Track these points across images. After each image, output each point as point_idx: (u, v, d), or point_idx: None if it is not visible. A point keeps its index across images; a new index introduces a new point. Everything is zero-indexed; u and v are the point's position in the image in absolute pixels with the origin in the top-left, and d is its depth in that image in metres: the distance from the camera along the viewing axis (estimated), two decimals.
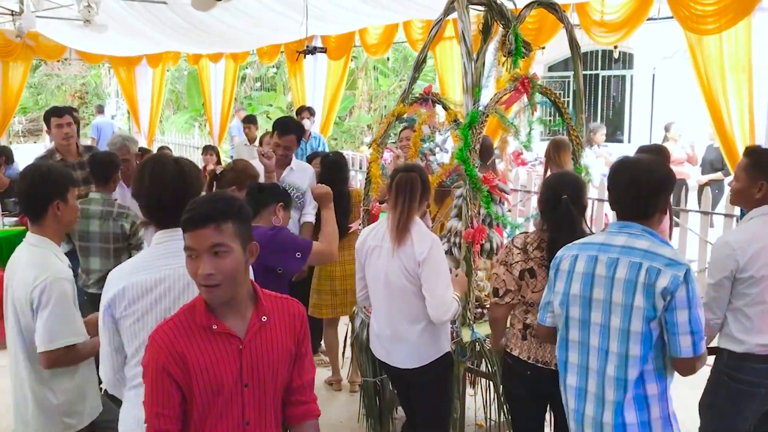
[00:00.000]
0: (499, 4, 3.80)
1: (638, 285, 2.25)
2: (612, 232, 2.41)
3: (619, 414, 2.29)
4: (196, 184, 2.26)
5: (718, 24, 5.02)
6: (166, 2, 7.64)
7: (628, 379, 2.28)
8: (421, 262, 2.98)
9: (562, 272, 2.47)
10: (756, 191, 3.00)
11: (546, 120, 4.18)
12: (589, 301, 2.37)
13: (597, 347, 2.35)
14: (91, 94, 21.75)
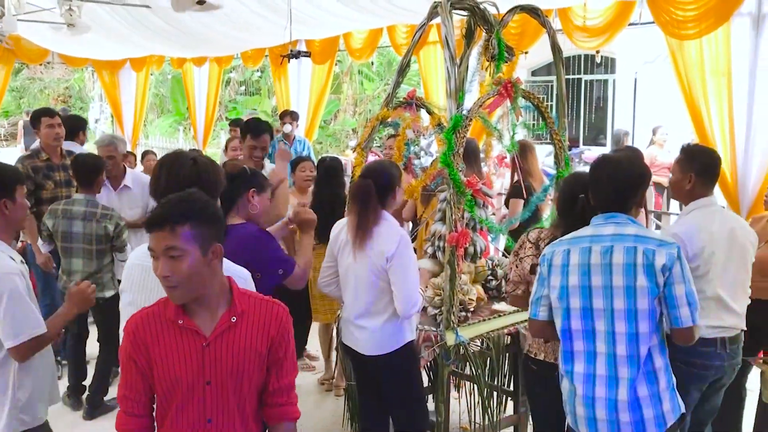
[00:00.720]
0: (482, 9, 3.83)
1: (638, 267, 2.42)
2: (598, 224, 2.58)
3: (632, 389, 2.44)
4: (214, 184, 2.29)
5: (698, 29, 5.07)
6: (149, 6, 7.60)
7: (640, 356, 2.44)
8: (389, 258, 3.10)
9: (556, 267, 2.59)
10: (686, 183, 3.24)
11: (529, 124, 4.21)
12: (589, 290, 2.50)
13: (603, 331, 2.49)
14: (75, 98, 21.61)
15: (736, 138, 5.09)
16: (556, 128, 3.96)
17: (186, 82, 11.77)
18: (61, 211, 4.42)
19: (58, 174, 5.19)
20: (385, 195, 3.22)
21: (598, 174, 2.62)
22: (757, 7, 4.91)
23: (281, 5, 6.81)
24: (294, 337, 2.10)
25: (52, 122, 5.23)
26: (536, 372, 3.14)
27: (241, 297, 2.00)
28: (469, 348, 3.52)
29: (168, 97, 19.52)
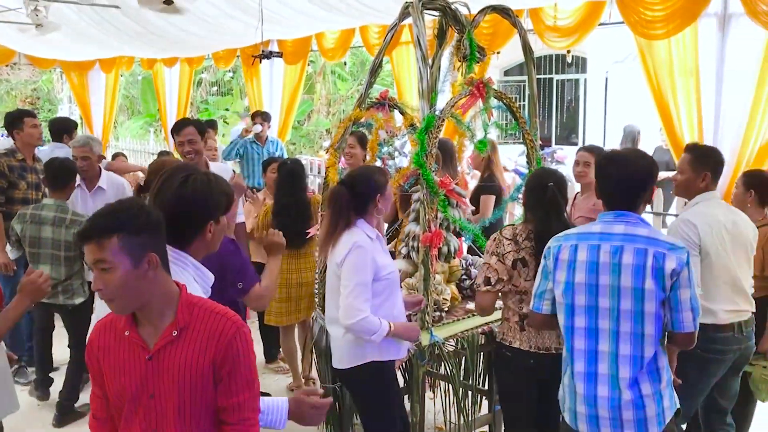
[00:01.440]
0: (454, 9, 3.84)
1: (647, 269, 2.43)
2: (608, 221, 2.56)
3: (636, 388, 2.46)
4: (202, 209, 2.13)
5: (667, 29, 5.14)
6: (118, 6, 7.50)
7: (644, 356, 2.46)
8: (338, 264, 3.08)
9: (563, 262, 2.58)
10: (700, 181, 3.40)
11: (501, 124, 4.23)
12: (596, 288, 2.50)
13: (608, 330, 2.49)
14: (43, 100, 21.26)
15: (705, 135, 5.16)
16: (527, 128, 3.98)
17: (156, 83, 11.63)
18: (30, 215, 4.34)
19: (30, 176, 5.23)
20: (364, 202, 3.14)
21: (608, 170, 2.59)
22: (723, 7, 4.99)
23: (252, 5, 6.76)
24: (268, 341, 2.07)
25: (35, 122, 5.35)
26: (510, 359, 3.15)
27: (186, 309, 1.91)
28: (444, 348, 3.53)
29: (138, 98, 19.28)
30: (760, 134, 4.91)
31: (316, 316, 3.93)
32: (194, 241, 2.15)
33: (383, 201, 3.19)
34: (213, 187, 2.17)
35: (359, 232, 3.13)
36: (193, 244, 2.15)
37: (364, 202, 3.14)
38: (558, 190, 3.06)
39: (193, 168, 2.25)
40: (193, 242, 2.15)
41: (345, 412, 3.83)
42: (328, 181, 3.91)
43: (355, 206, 3.12)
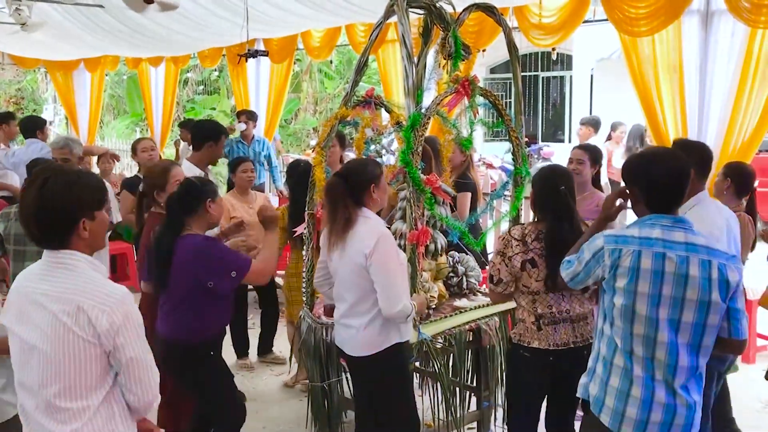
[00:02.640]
0: (439, 7, 3.85)
1: (712, 282, 2.40)
2: (666, 226, 2.47)
3: (689, 396, 2.47)
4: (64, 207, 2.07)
5: (650, 26, 5.17)
6: (102, 6, 7.45)
7: (699, 366, 2.47)
8: (367, 256, 3.03)
9: (624, 268, 2.46)
10: None
11: (487, 121, 4.25)
12: (659, 298, 2.43)
13: (665, 342, 2.44)
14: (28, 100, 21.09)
15: (689, 131, 5.20)
16: (513, 125, 4.00)
17: (142, 83, 11.58)
18: (14, 213, 4.32)
19: None
20: (360, 193, 3.15)
21: (656, 170, 2.48)
22: (706, 5, 5.03)
23: (237, 4, 6.75)
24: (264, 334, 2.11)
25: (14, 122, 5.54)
26: (529, 359, 3.18)
27: None
28: (432, 345, 3.54)
29: (124, 98, 19.15)
30: (743, 130, 4.96)
31: (303, 315, 3.93)
32: (71, 241, 2.09)
33: (378, 191, 3.21)
34: (74, 186, 2.08)
35: (376, 220, 3.19)
36: (72, 243, 2.10)
37: (360, 193, 3.14)
38: (569, 192, 3.10)
39: (56, 168, 2.20)
40: (71, 242, 2.10)
41: (333, 410, 3.84)
42: (315, 179, 3.91)
43: (351, 197, 3.13)
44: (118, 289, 2.10)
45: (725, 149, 5.01)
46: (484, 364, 3.95)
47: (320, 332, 3.69)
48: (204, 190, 3.35)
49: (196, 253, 3.23)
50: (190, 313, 3.30)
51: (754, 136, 4.92)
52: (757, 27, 4.71)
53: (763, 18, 4.62)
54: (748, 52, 4.83)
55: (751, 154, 4.98)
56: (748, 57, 4.84)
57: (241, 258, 3.32)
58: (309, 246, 3.95)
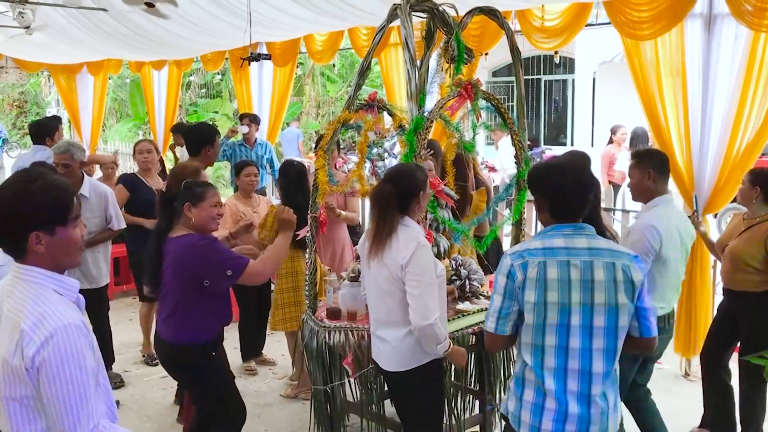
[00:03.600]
0: (441, 11, 3.85)
1: (618, 283, 2.41)
2: (567, 234, 2.48)
3: (605, 402, 2.46)
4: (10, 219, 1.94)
5: (653, 30, 5.17)
6: (105, 9, 7.47)
7: (613, 371, 2.47)
8: (404, 266, 2.96)
9: (531, 281, 2.45)
10: (647, 179, 3.62)
11: (489, 125, 4.25)
12: (568, 306, 2.42)
13: (578, 348, 2.43)
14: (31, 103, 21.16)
15: (691, 135, 5.20)
16: (516, 129, 4.00)
17: (145, 86, 11.60)
18: None
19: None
20: (408, 201, 3.06)
21: (558, 180, 2.50)
22: (709, 8, 5.03)
23: (240, 8, 6.76)
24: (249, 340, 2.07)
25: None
26: None
27: None
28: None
29: (127, 101, 19.21)
30: (746, 133, 4.95)
31: (306, 318, 3.93)
32: (27, 255, 1.95)
33: (424, 198, 3.16)
34: (25, 197, 1.92)
35: (417, 230, 3.10)
36: (29, 257, 1.95)
37: (408, 200, 3.06)
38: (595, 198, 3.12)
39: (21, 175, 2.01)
40: (27, 256, 1.95)
41: (336, 414, 3.84)
42: (318, 183, 3.91)
43: (399, 204, 3.05)
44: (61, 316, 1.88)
45: (729, 153, 5.00)
46: (487, 368, 3.95)
47: (323, 335, 3.69)
48: (184, 194, 3.31)
49: (192, 251, 3.25)
50: (188, 313, 3.30)
51: (757, 139, 4.91)
52: (761, 30, 4.70)
53: (766, 21, 4.62)
54: (751, 55, 4.83)
55: (754, 157, 4.97)
56: (751, 61, 4.83)
57: (237, 257, 3.31)
58: (312, 249, 3.95)
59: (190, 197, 3.31)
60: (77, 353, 1.86)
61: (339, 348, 3.62)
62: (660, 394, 4.03)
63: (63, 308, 1.92)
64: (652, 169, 3.61)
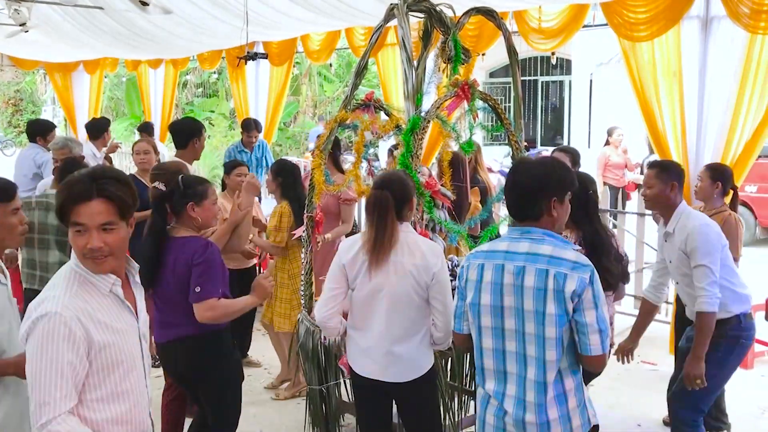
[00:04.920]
0: (439, 11, 3.85)
1: (548, 292, 2.29)
2: (514, 237, 2.43)
3: (542, 413, 2.35)
4: None
5: (650, 31, 5.18)
6: (101, 7, 7.45)
7: (547, 382, 2.34)
8: (435, 274, 2.92)
9: (471, 282, 2.46)
10: (669, 191, 3.54)
11: (486, 125, 4.25)
12: (501, 310, 2.39)
13: (514, 352, 2.39)
14: (27, 101, 21.11)
15: (688, 137, 5.21)
16: (512, 129, 4.00)
17: (141, 85, 11.58)
18: (36, 203, 4.35)
19: None
20: (402, 206, 3.01)
21: (509, 180, 2.48)
22: (705, 10, 5.04)
23: (237, 7, 6.75)
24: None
25: None
26: None
27: None
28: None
29: (123, 100, 19.18)
30: (743, 135, 4.96)
31: (302, 318, 3.92)
32: None
33: (413, 205, 3.16)
34: None
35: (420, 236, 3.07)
36: None
37: (403, 206, 3.01)
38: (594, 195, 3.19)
39: None
40: None
41: (331, 414, 3.83)
42: (314, 182, 3.91)
43: (396, 211, 2.98)
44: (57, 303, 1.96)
45: (725, 155, 5.01)
46: None
47: (318, 335, 3.68)
48: (186, 193, 3.24)
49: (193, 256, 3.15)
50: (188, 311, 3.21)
51: (754, 141, 4.92)
52: (756, 32, 4.71)
53: (762, 24, 4.63)
54: (748, 57, 4.84)
55: (751, 159, 4.98)
56: (748, 62, 4.84)
57: (217, 285, 3.16)
58: (308, 249, 3.94)
59: (193, 196, 3.24)
60: (54, 341, 1.92)
61: (334, 348, 3.61)
62: (654, 395, 4.02)
63: (68, 297, 1.97)
64: (676, 181, 3.55)
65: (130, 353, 2.07)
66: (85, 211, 1.95)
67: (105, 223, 1.96)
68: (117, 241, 2.00)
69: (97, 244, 1.95)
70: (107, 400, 2.03)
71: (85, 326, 1.95)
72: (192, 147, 4.99)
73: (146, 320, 2.25)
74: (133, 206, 2.05)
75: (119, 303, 2.08)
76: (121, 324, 2.06)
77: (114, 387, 2.04)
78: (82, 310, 1.97)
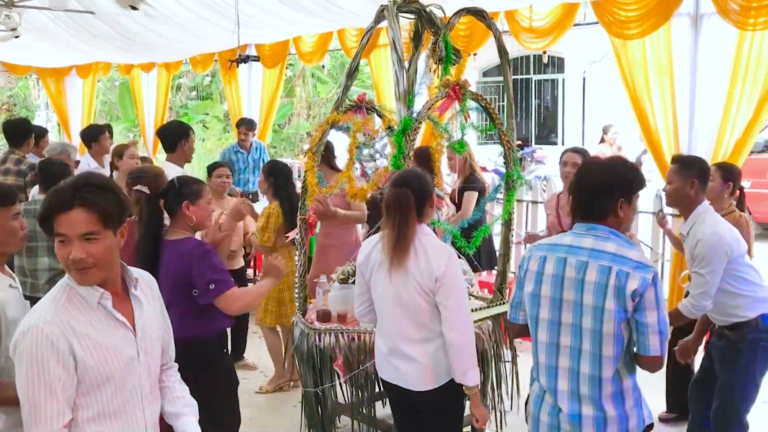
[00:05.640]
0: (429, 12, 3.85)
1: (609, 288, 2.33)
2: (579, 233, 2.48)
3: (599, 408, 2.39)
4: None
5: (641, 29, 5.20)
6: (93, 12, 7.44)
7: (603, 377, 2.38)
8: (438, 278, 2.79)
9: (531, 273, 2.53)
10: (689, 188, 3.44)
11: (478, 125, 4.25)
12: (560, 302, 2.44)
13: (568, 347, 2.43)
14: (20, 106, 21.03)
15: (680, 134, 5.23)
16: (504, 129, 4.00)
17: (134, 89, 11.56)
18: (24, 210, 4.34)
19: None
20: (423, 205, 2.88)
21: (577, 180, 2.52)
22: (695, 7, 5.06)
23: (228, 9, 6.75)
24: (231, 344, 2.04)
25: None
26: None
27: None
28: None
29: (117, 104, 19.14)
30: (735, 130, 4.98)
31: (296, 320, 3.93)
32: None
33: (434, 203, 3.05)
34: None
35: (436, 237, 2.97)
36: None
37: (424, 204, 2.90)
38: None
39: None
40: None
41: (327, 416, 3.83)
42: (307, 184, 3.91)
43: (417, 209, 2.87)
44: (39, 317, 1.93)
45: (717, 151, 5.03)
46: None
47: (313, 338, 3.69)
48: (181, 191, 3.20)
49: (189, 257, 3.11)
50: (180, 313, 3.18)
51: (745, 136, 4.95)
52: (746, 29, 4.73)
53: (751, 20, 4.65)
54: (738, 53, 4.86)
55: (741, 155, 5.00)
56: (738, 59, 4.86)
57: (226, 277, 3.15)
58: (301, 251, 3.95)
59: (189, 195, 3.20)
60: (38, 357, 1.88)
61: (329, 350, 3.61)
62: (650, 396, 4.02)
63: (52, 310, 1.93)
64: (696, 178, 3.43)
65: (120, 369, 1.99)
66: (65, 221, 1.89)
67: (86, 232, 1.89)
68: (101, 251, 1.92)
69: (78, 255, 1.89)
70: (98, 419, 1.96)
71: (68, 340, 1.90)
72: (181, 149, 4.97)
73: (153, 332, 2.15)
74: (120, 214, 1.98)
75: (109, 316, 2.00)
76: (110, 339, 1.98)
77: (104, 406, 1.97)
78: (65, 323, 1.91)
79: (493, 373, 3.96)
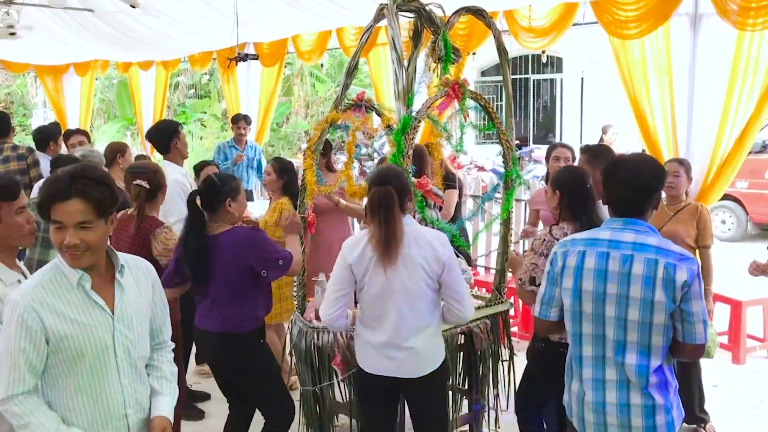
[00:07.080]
0: (428, 10, 3.85)
1: (657, 280, 2.39)
2: (617, 228, 2.53)
3: (648, 396, 2.44)
4: None
5: (640, 29, 5.20)
6: (92, 10, 7.43)
7: (650, 366, 2.44)
8: (445, 263, 2.96)
9: (570, 268, 2.55)
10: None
11: (477, 125, 4.25)
12: (604, 296, 2.47)
13: (613, 339, 2.47)
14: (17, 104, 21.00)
15: (678, 133, 5.23)
16: (503, 128, 4.00)
17: (132, 87, 11.54)
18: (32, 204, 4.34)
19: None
20: (404, 199, 3.02)
21: (616, 175, 2.55)
22: (694, 7, 5.06)
23: (227, 7, 6.74)
24: None
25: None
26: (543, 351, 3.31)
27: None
28: None
29: (115, 102, 19.10)
30: (733, 130, 4.98)
31: (294, 319, 3.92)
32: None
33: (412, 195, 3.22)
34: None
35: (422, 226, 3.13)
36: None
37: (404, 199, 3.02)
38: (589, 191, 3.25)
39: None
40: None
41: (325, 415, 3.83)
42: (306, 183, 3.90)
43: (399, 204, 3.00)
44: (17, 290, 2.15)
45: (716, 151, 5.03)
46: (476, 367, 3.95)
47: (311, 336, 3.68)
48: (223, 189, 3.37)
49: (249, 242, 3.31)
50: (237, 303, 3.34)
51: (743, 137, 4.94)
52: (745, 29, 4.73)
53: (750, 21, 4.65)
54: (737, 54, 4.86)
55: (741, 155, 5.00)
56: (737, 59, 4.87)
57: (283, 249, 3.44)
58: (301, 249, 3.93)
59: (230, 192, 3.38)
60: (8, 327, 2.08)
61: (327, 349, 3.61)
62: None
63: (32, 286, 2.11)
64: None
65: (95, 348, 2.12)
66: (63, 210, 2.05)
67: (82, 221, 2.06)
68: (94, 238, 2.09)
69: (73, 241, 2.05)
70: (74, 394, 2.13)
71: (40, 315, 2.05)
72: (175, 148, 4.93)
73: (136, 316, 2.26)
74: (112, 205, 2.14)
75: (86, 298, 2.14)
76: (86, 318, 2.12)
77: (78, 381, 2.12)
78: (40, 300, 2.07)
79: (491, 374, 3.97)
